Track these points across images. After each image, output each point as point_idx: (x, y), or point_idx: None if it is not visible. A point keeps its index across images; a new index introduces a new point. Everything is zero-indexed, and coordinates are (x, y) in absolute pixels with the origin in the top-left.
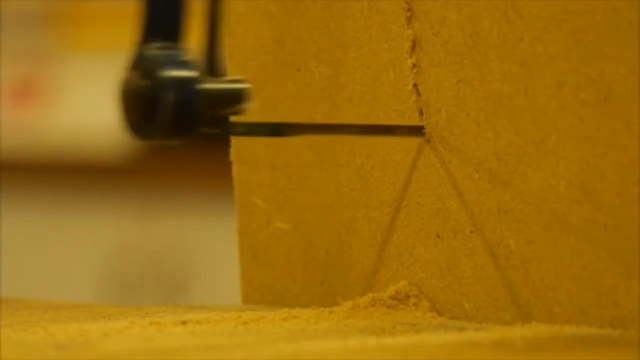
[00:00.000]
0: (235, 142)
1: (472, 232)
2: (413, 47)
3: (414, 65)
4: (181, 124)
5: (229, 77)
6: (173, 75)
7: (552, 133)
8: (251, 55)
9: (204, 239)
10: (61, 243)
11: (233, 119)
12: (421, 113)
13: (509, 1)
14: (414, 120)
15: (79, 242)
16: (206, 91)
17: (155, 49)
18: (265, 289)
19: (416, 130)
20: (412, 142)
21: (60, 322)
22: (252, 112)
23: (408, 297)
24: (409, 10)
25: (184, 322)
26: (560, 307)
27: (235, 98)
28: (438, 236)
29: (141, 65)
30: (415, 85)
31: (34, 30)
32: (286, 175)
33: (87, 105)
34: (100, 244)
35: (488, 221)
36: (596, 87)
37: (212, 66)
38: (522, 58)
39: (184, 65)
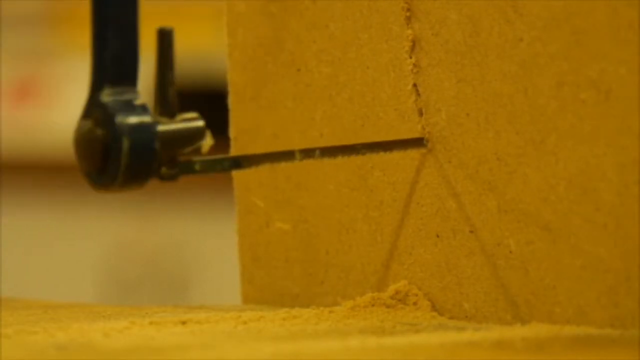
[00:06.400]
0: (235, 143)
1: (471, 232)
2: (413, 47)
3: (414, 65)
4: (140, 170)
5: (182, 116)
6: (129, 122)
7: (552, 133)
8: (251, 55)
9: (203, 238)
10: (61, 243)
11: (190, 158)
12: (421, 113)
13: (509, 1)
14: (414, 121)
15: (78, 242)
16: (163, 134)
17: (108, 95)
18: (265, 289)
19: (417, 143)
20: None
21: (60, 322)
22: (252, 113)
23: (408, 297)
24: (408, 10)
25: (184, 322)
26: (560, 307)
27: (192, 137)
28: (438, 236)
29: (95, 113)
30: (415, 85)
31: (34, 30)
32: (286, 175)
33: None
34: (100, 243)
35: (488, 221)
36: (596, 87)
37: (165, 106)
38: (522, 58)
39: (139, 109)
